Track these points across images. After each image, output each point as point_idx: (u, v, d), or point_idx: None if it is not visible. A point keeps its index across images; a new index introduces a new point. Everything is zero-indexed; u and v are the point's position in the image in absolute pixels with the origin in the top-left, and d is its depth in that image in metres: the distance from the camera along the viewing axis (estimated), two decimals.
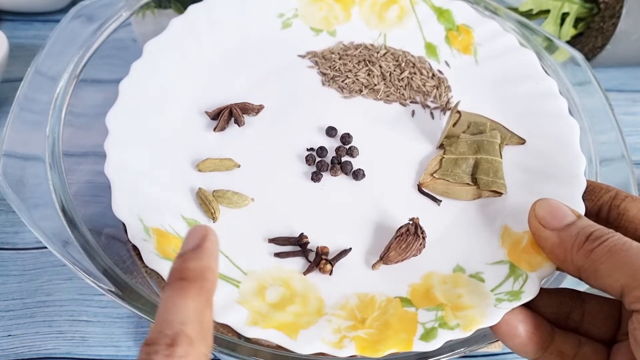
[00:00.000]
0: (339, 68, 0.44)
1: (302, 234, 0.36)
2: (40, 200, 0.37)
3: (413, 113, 0.43)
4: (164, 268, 0.32)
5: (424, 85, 0.44)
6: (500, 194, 0.38)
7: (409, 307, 0.33)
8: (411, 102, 0.44)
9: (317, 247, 0.35)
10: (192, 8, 0.44)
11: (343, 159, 0.40)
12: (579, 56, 0.47)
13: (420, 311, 0.32)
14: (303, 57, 0.46)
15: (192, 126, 0.40)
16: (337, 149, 0.40)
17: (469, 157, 0.39)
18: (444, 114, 0.43)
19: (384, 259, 0.35)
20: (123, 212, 0.34)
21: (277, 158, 0.40)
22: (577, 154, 0.39)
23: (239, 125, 0.40)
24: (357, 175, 0.39)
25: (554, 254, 0.31)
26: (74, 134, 0.41)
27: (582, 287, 0.33)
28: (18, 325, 0.43)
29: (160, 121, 0.40)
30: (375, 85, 0.44)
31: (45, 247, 0.35)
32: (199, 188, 0.37)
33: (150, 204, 0.35)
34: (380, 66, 0.45)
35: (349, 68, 0.45)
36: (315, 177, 0.39)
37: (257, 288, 0.33)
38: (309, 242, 0.36)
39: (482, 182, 0.38)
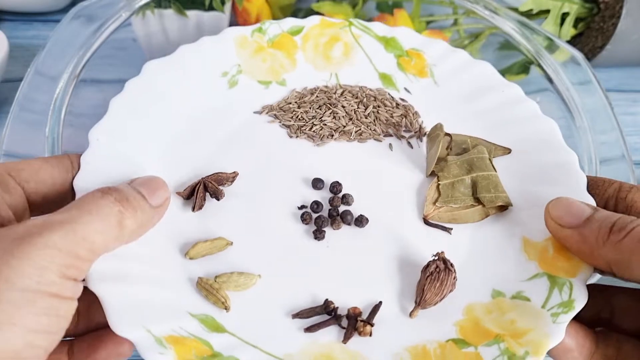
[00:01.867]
0: (301, 117, 0.42)
1: (326, 300, 0.33)
2: None
3: (390, 146, 0.42)
4: None
5: (392, 117, 0.43)
6: (506, 207, 0.37)
7: (467, 347, 0.31)
8: (385, 135, 0.43)
9: (348, 310, 0.33)
10: (129, 84, 0.39)
11: (340, 210, 0.38)
12: (579, 55, 0.47)
13: (480, 349, 0.30)
14: (260, 113, 0.43)
15: (168, 211, 0.34)
16: (331, 200, 0.38)
17: (464, 177, 0.38)
18: (421, 140, 0.42)
19: (421, 303, 0.33)
20: (125, 329, 0.29)
21: (270, 224, 0.37)
22: (566, 150, 0.38)
23: (217, 199, 0.37)
24: (361, 222, 0.37)
25: (580, 251, 0.31)
26: (74, 134, 0.41)
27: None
28: None
29: None
30: (345, 126, 0.42)
31: None
32: (199, 278, 0.33)
33: (152, 310, 0.30)
34: (343, 106, 0.43)
35: (312, 114, 0.43)
36: (319, 234, 0.36)
37: None
38: (337, 307, 0.33)
39: (486, 199, 0.37)
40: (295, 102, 0.43)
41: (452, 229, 0.37)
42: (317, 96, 0.44)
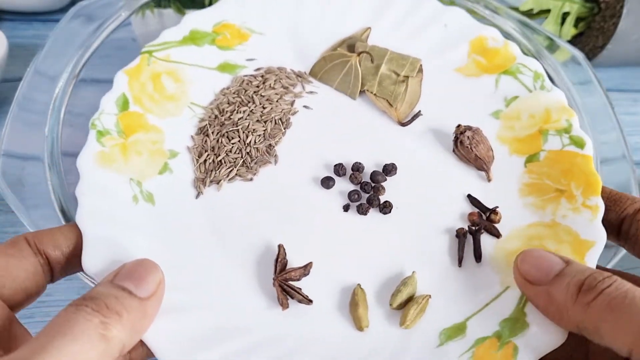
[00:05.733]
0: (224, 160, 0.38)
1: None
2: (39, 201, 0.37)
3: (307, 107, 0.42)
4: None
5: (284, 88, 0.42)
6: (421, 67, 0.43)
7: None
8: (292, 104, 0.42)
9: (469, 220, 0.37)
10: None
11: (375, 178, 0.38)
12: (579, 55, 0.47)
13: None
14: (197, 195, 0.37)
15: (245, 304, 0.33)
16: (352, 179, 0.38)
17: (378, 73, 0.42)
18: (311, 82, 0.44)
19: (488, 168, 0.38)
20: None
21: (338, 244, 0.36)
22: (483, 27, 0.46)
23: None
24: (390, 171, 0.39)
25: (548, 312, 0.28)
26: (73, 133, 0.41)
27: None
28: None
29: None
30: (265, 131, 0.40)
31: None
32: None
33: None
34: (236, 123, 0.40)
35: (226, 150, 0.39)
36: (385, 209, 0.37)
37: None
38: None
39: (407, 70, 0.42)
40: (202, 158, 0.39)
41: (420, 112, 0.41)
42: (203, 138, 0.40)
